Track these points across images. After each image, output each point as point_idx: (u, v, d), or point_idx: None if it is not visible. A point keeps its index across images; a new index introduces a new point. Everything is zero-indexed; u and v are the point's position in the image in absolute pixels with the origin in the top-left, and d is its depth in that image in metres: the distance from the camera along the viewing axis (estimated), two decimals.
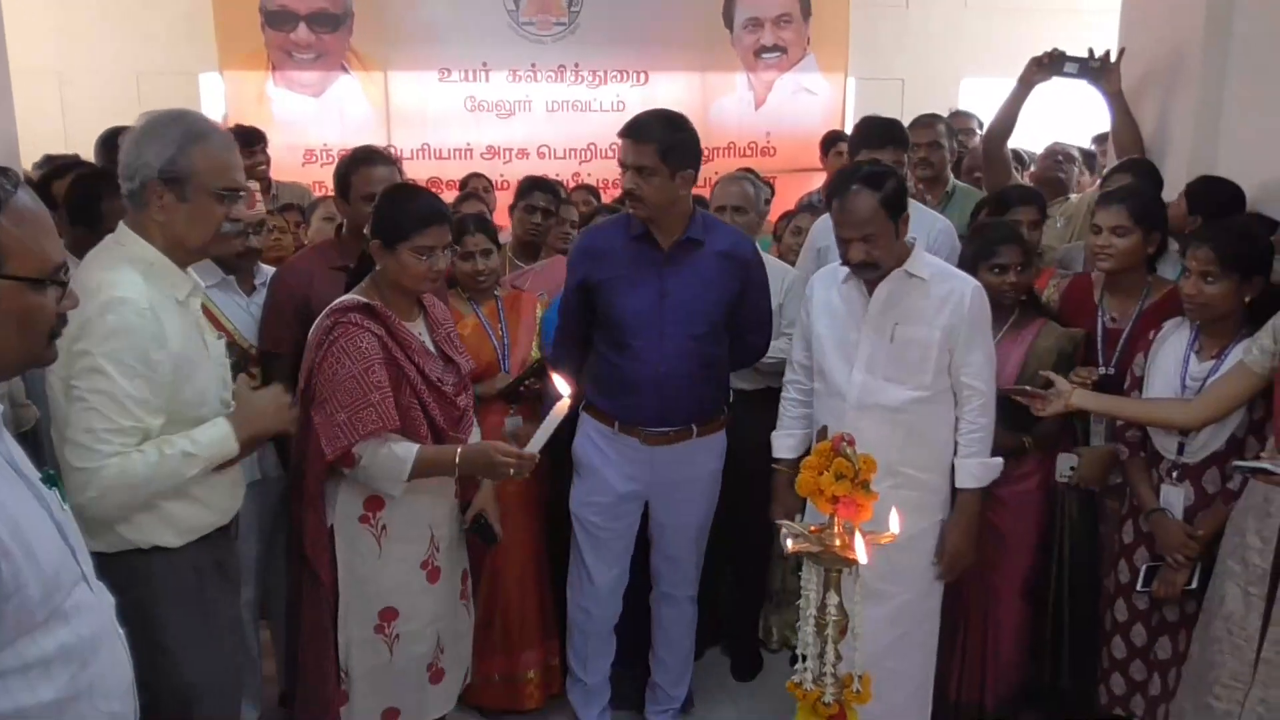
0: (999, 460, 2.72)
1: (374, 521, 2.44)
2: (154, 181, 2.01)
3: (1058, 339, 2.90)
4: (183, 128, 2.04)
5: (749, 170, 4.81)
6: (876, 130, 3.55)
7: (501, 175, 5.66)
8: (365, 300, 2.39)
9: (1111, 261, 2.90)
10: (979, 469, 2.69)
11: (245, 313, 2.96)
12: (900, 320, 2.64)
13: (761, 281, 3.01)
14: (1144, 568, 2.72)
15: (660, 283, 2.85)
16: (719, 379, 3.01)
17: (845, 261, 2.64)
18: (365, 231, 2.51)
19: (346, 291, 2.49)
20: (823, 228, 3.76)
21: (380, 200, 2.50)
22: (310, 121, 6.19)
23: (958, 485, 2.71)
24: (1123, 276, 2.96)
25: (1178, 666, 2.68)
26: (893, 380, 2.65)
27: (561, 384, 2.22)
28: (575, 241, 3.24)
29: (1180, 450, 2.65)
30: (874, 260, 2.57)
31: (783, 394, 2.94)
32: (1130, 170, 3.45)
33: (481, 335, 3.11)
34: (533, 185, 4.09)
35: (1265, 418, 2.52)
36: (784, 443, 2.89)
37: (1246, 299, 2.57)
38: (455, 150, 6.28)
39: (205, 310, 2.85)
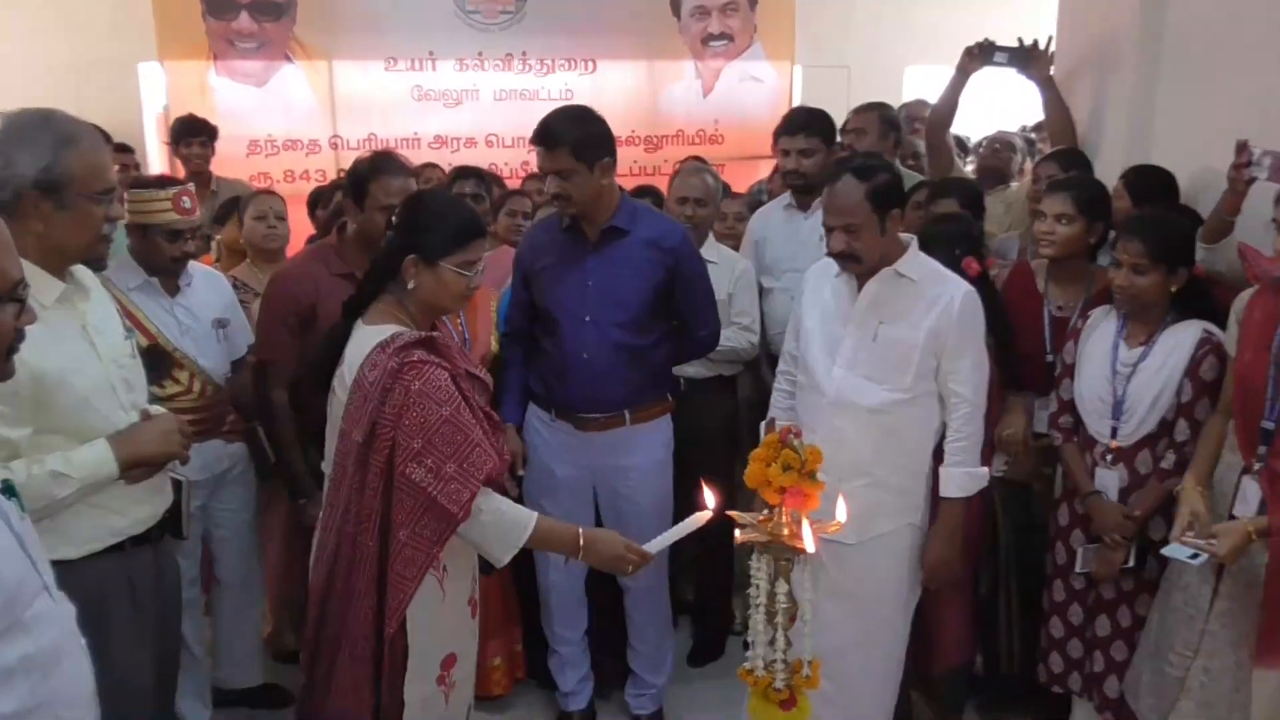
0: (984, 470, 2.70)
1: (439, 564, 2.16)
2: (29, 191, 1.93)
3: None
4: (53, 132, 1.95)
5: (699, 159, 4.85)
6: (795, 119, 3.66)
7: (450, 165, 5.59)
8: (421, 333, 2.16)
9: (1053, 249, 2.97)
10: (964, 478, 2.65)
11: (169, 315, 2.89)
12: (886, 320, 2.62)
13: (694, 272, 3.03)
14: (1081, 549, 2.80)
15: (585, 271, 2.92)
16: (652, 367, 3.03)
17: (828, 249, 2.64)
18: (388, 243, 2.28)
19: None
20: (760, 220, 3.82)
21: (417, 211, 2.26)
22: (254, 112, 6.08)
23: (942, 494, 2.66)
24: (1067, 265, 3.02)
25: (1121, 640, 2.78)
26: (872, 380, 2.63)
27: (710, 496, 2.01)
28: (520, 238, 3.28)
29: (1114, 434, 2.73)
30: (854, 251, 2.56)
31: (775, 383, 2.95)
32: (1058, 160, 3.53)
33: (443, 332, 3.11)
34: (459, 173, 4.07)
35: (1194, 401, 2.62)
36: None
37: (1173, 289, 2.66)
38: (403, 140, 6.21)
39: (128, 313, 2.84)
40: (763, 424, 2.82)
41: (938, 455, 2.69)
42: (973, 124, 6.46)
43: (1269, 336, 2.41)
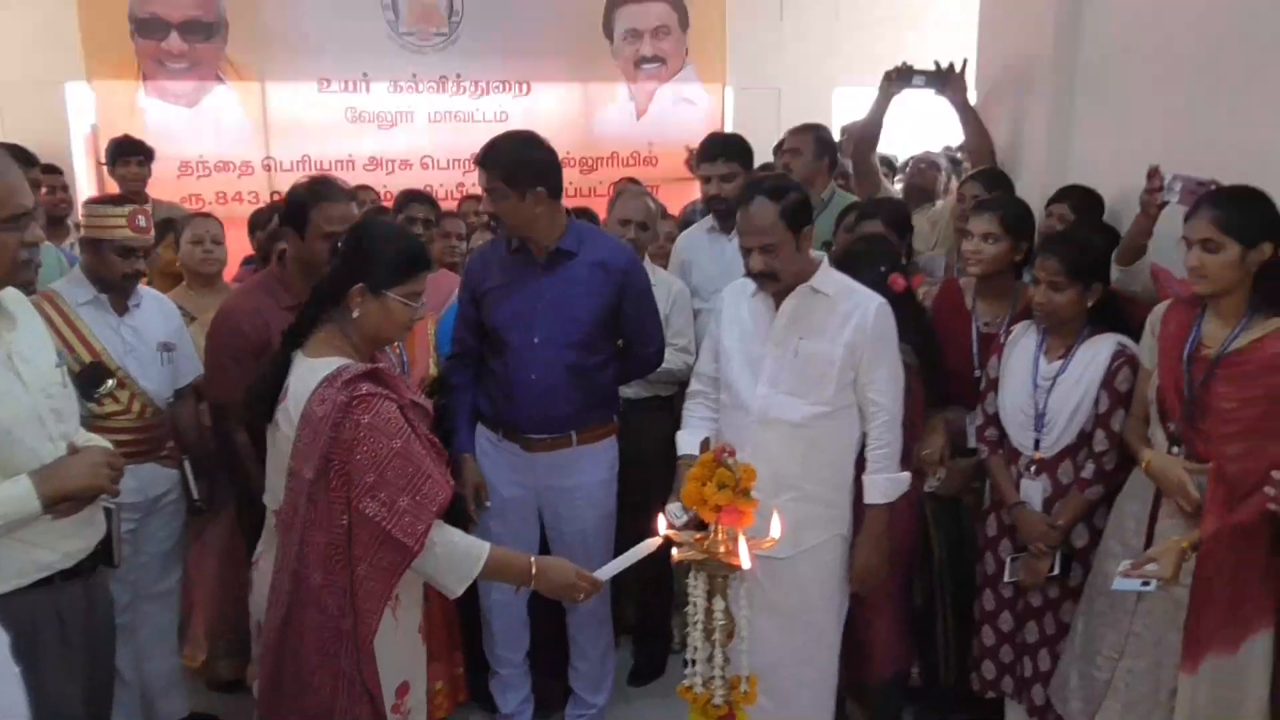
0: (906, 475, 2.77)
1: (392, 594, 2.13)
2: None
3: None
4: None
5: (633, 180, 4.91)
6: (711, 146, 3.78)
7: (385, 187, 5.61)
8: (367, 365, 2.12)
9: (980, 267, 3.07)
10: (887, 484, 2.72)
11: (115, 334, 2.88)
12: (804, 335, 2.68)
13: (640, 291, 3.08)
14: (1009, 559, 2.89)
15: (533, 292, 2.95)
16: (599, 388, 3.06)
17: (747, 270, 2.70)
18: (333, 271, 2.22)
19: None
20: (685, 242, 3.89)
21: (364, 239, 2.22)
22: (185, 133, 6.03)
23: (866, 501, 2.73)
24: (993, 282, 3.12)
25: (1046, 648, 2.86)
26: (795, 395, 2.69)
27: (663, 524, 2.00)
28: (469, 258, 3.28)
29: (1036, 445, 2.83)
30: (772, 270, 2.63)
31: (686, 403, 2.98)
32: (982, 180, 3.64)
33: (383, 360, 3.10)
34: (410, 198, 4.07)
35: (1110, 411, 2.73)
36: (688, 439, 2.88)
37: (1089, 304, 2.77)
38: (337, 162, 6.18)
39: (75, 330, 2.81)
40: (688, 443, 2.84)
41: (860, 465, 2.76)
42: (903, 144, 6.64)
43: (1182, 346, 2.53)
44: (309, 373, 2.11)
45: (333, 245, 2.35)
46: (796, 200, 2.63)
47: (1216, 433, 2.42)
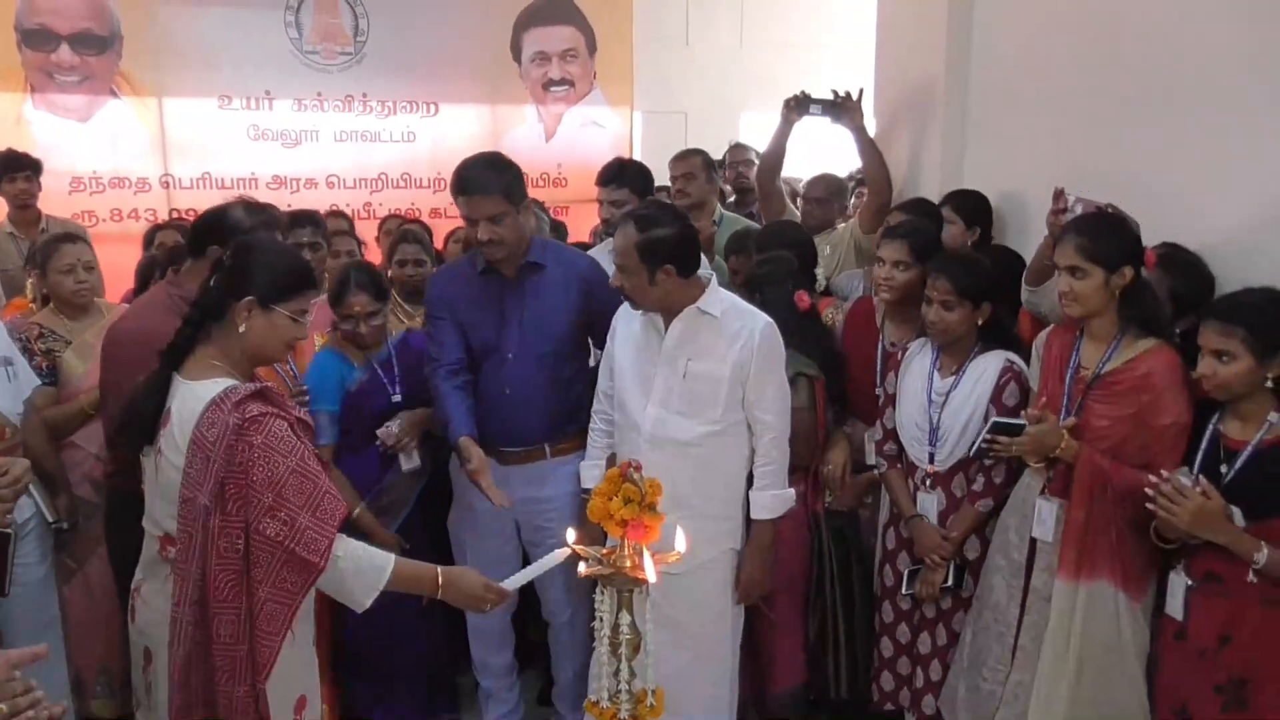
0: (791, 491, 2.84)
1: (296, 616, 2.09)
2: None
3: (796, 366, 3.02)
4: None
5: (538, 202, 4.93)
6: (607, 171, 3.89)
7: (289, 205, 5.50)
8: (255, 386, 2.08)
9: (892, 294, 3.14)
10: (772, 501, 2.78)
11: None
12: (693, 356, 2.72)
13: (607, 296, 3.04)
14: (906, 571, 2.98)
15: (509, 309, 2.98)
16: (572, 399, 3.08)
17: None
18: (216, 285, 2.17)
19: None
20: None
21: (252, 254, 2.18)
22: (77, 147, 5.83)
23: (752, 516, 2.79)
24: (902, 306, 3.18)
25: (937, 659, 2.95)
26: (685, 415, 2.73)
27: (571, 534, 2.04)
28: (429, 289, 3.24)
29: (931, 459, 2.92)
30: (626, 293, 2.70)
31: (590, 424, 3.01)
32: (908, 210, 3.73)
33: (272, 377, 3.05)
34: (295, 220, 3.87)
35: None
36: (591, 473, 2.93)
37: (980, 322, 2.87)
38: (239, 180, 6.05)
39: None
40: (591, 478, 2.88)
41: (751, 480, 2.82)
42: (811, 169, 6.78)
43: (1064, 368, 2.65)
44: (192, 396, 2.07)
45: (215, 259, 2.28)
46: (660, 237, 2.62)
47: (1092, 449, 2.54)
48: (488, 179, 2.87)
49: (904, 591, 2.98)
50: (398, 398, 3.22)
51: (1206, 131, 2.84)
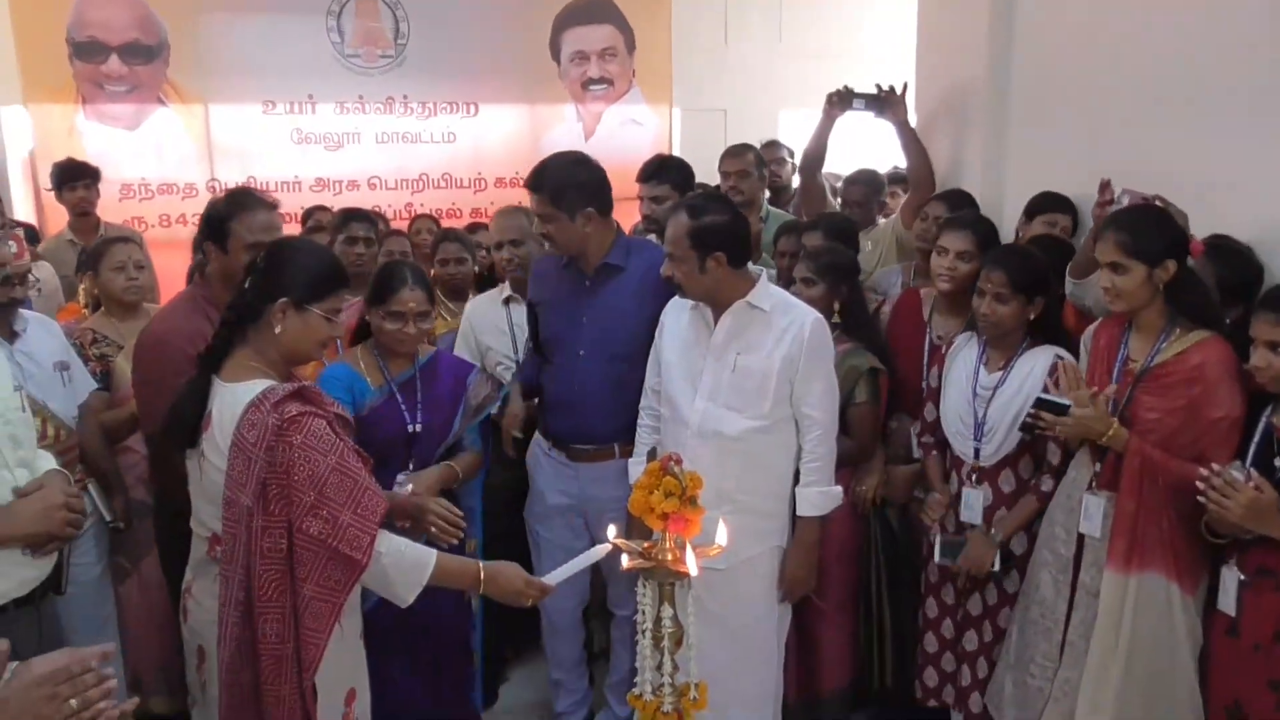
0: (839, 489, 2.81)
1: (341, 613, 2.11)
2: None
3: (858, 360, 3.05)
4: None
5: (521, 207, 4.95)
6: (648, 168, 3.93)
7: (332, 207, 5.59)
8: (293, 386, 2.10)
9: (952, 284, 3.11)
10: (819, 497, 2.75)
11: (10, 361, 2.72)
12: (742, 350, 2.72)
13: None
14: (937, 539, 2.93)
15: (581, 306, 3.02)
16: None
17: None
18: (251, 287, 2.19)
19: None
20: None
21: (286, 256, 2.21)
22: (126, 156, 5.96)
23: (798, 513, 2.77)
24: (954, 297, 3.16)
25: (983, 656, 2.92)
26: (733, 409, 2.72)
27: (612, 530, 2.03)
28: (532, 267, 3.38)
29: (976, 455, 2.89)
30: (677, 281, 2.70)
31: (639, 420, 3.00)
32: (945, 200, 3.70)
33: (315, 377, 3.07)
34: (349, 216, 4.01)
35: None
36: (638, 470, 2.85)
37: (1030, 316, 2.83)
38: (283, 183, 6.15)
39: None
40: (644, 453, 2.89)
41: (798, 477, 2.80)
42: (854, 165, 6.74)
43: (1112, 361, 2.61)
44: (232, 399, 2.09)
45: (250, 262, 2.31)
46: (712, 224, 2.65)
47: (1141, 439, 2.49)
48: (544, 180, 2.93)
49: (937, 559, 2.93)
50: (415, 427, 2.85)
51: (1249, 127, 2.78)
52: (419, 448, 2.85)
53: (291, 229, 4.94)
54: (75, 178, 5.05)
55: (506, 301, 3.66)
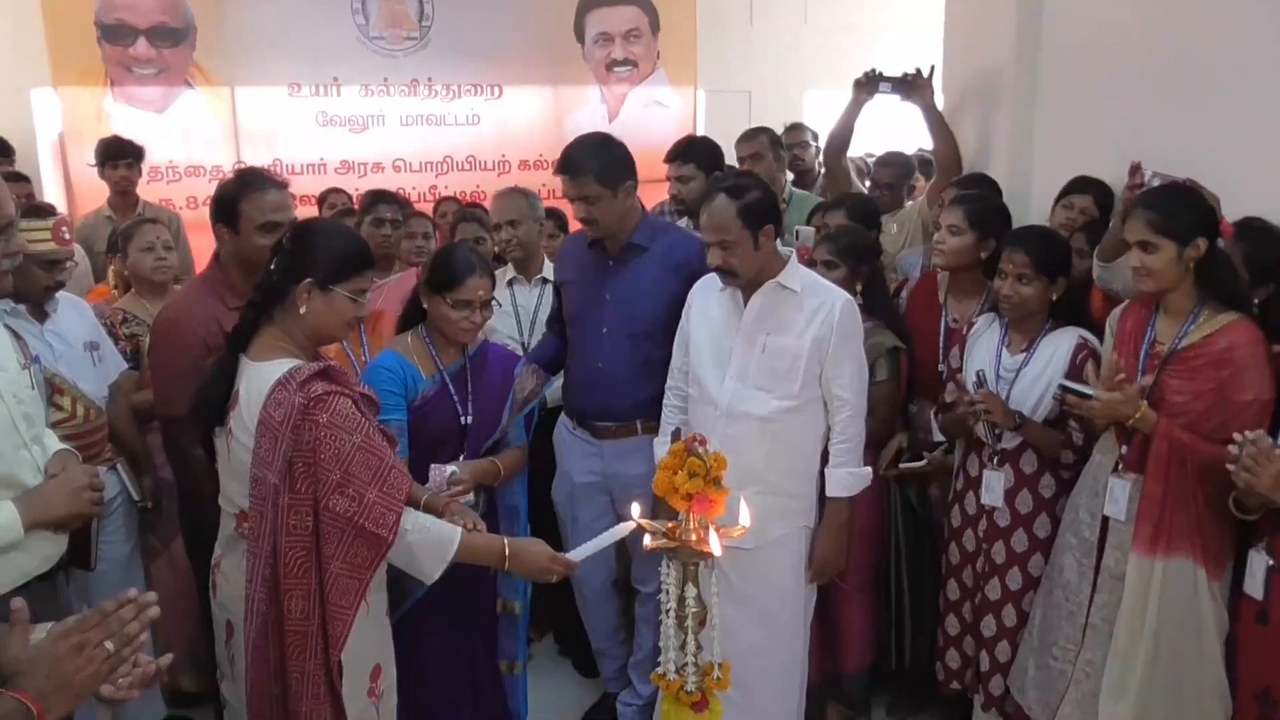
0: (868, 470, 2.81)
1: (368, 590, 2.14)
2: None
3: (879, 337, 3.05)
4: None
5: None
6: (675, 148, 3.95)
7: (357, 189, 5.60)
8: (319, 365, 2.11)
9: (943, 258, 3.12)
10: (848, 478, 2.75)
11: (42, 342, 2.82)
12: (771, 331, 2.71)
13: None
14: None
15: (604, 285, 3.06)
16: (664, 379, 3.07)
17: (709, 263, 2.72)
18: (277, 268, 2.19)
19: None
20: None
21: (311, 237, 2.22)
22: (153, 138, 5.97)
23: (827, 494, 2.76)
24: (963, 278, 3.15)
25: (1005, 639, 2.91)
26: (762, 389, 2.71)
27: (635, 508, 2.04)
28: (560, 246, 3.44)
29: (999, 438, 2.87)
30: (730, 266, 2.66)
31: (665, 400, 3.00)
32: (964, 184, 3.68)
33: (342, 358, 3.09)
34: (376, 198, 4.03)
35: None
36: (662, 450, 2.86)
37: (1053, 297, 2.82)
38: (308, 165, 6.20)
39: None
40: (669, 433, 2.90)
41: (826, 458, 2.79)
42: (881, 148, 6.70)
43: (1139, 344, 2.58)
44: (259, 378, 2.11)
45: (275, 243, 2.32)
46: (756, 199, 2.66)
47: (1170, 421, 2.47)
48: (583, 161, 2.94)
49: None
50: (467, 419, 2.76)
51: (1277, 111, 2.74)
52: (470, 440, 2.78)
53: (315, 211, 4.97)
54: (119, 155, 5.13)
55: (510, 283, 3.70)
